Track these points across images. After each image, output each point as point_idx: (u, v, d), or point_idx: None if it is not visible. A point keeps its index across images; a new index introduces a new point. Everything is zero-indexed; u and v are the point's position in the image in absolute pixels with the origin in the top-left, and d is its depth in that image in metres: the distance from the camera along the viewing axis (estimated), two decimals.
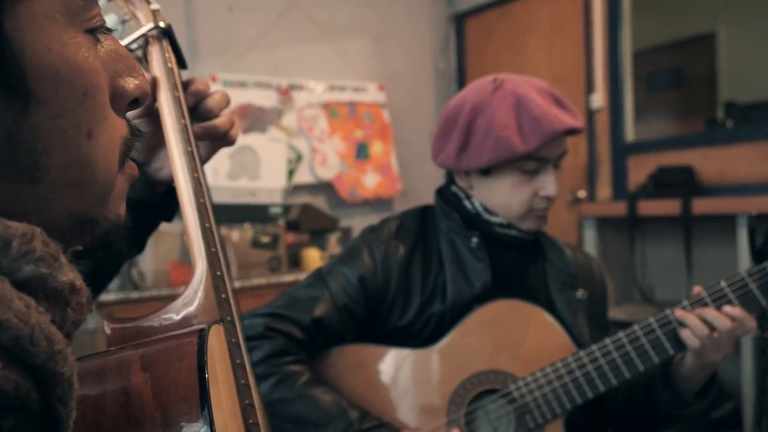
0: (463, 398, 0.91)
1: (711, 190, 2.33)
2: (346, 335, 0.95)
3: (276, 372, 0.86)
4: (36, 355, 0.29)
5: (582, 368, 0.91)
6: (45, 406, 0.31)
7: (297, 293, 0.97)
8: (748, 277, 0.91)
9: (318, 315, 0.93)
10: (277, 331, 0.90)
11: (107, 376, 0.41)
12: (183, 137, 0.55)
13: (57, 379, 0.30)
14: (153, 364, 0.42)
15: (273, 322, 0.91)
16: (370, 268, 0.98)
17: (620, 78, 2.70)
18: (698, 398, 0.92)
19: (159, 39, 0.59)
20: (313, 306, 0.94)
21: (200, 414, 0.39)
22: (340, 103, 2.95)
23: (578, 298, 1.03)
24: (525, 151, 0.93)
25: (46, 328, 0.30)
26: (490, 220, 1.02)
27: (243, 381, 0.50)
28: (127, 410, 0.39)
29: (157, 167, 0.63)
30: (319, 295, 0.95)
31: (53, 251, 0.31)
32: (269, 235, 2.15)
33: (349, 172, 2.95)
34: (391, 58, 3.15)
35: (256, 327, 0.90)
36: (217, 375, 0.44)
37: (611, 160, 2.70)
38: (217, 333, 0.47)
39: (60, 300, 0.32)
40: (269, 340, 0.89)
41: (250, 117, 2.59)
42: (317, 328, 0.93)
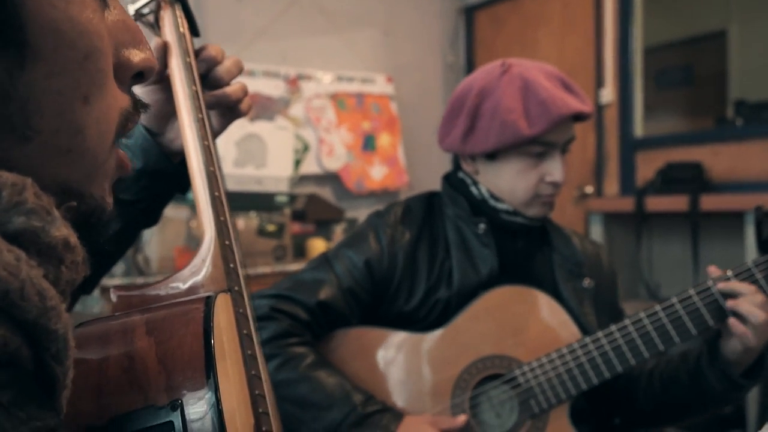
0: (467, 382, 0.91)
1: (720, 187, 2.31)
2: (351, 318, 0.95)
3: (281, 353, 0.86)
4: (27, 311, 0.28)
5: (588, 354, 0.90)
6: (39, 364, 0.31)
7: (303, 276, 0.97)
8: (755, 267, 0.90)
9: (323, 298, 0.92)
10: (283, 312, 0.90)
11: (111, 340, 0.41)
12: (194, 104, 0.55)
13: (50, 337, 0.30)
14: (158, 328, 0.41)
15: (278, 304, 0.91)
16: (377, 252, 0.98)
17: (630, 73, 2.67)
18: (748, 378, 0.89)
19: (171, 4, 0.59)
20: (319, 288, 0.93)
21: (205, 380, 0.39)
22: (348, 94, 2.94)
23: (585, 287, 1.03)
24: (531, 135, 0.92)
25: (37, 283, 0.29)
26: (496, 207, 1.01)
27: (250, 352, 0.50)
28: (131, 374, 0.39)
29: (171, 137, 0.63)
30: (324, 278, 0.95)
31: (46, 204, 0.30)
32: (275, 223, 2.15)
33: (356, 164, 2.94)
34: (400, 50, 3.14)
35: (262, 308, 0.90)
36: (223, 343, 0.44)
37: (619, 156, 2.68)
38: (225, 302, 0.47)
39: (53, 256, 0.31)
40: (274, 321, 0.89)
41: (257, 106, 2.59)
42: (322, 311, 0.93)
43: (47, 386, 0.31)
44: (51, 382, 0.31)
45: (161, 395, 0.38)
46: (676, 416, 1.00)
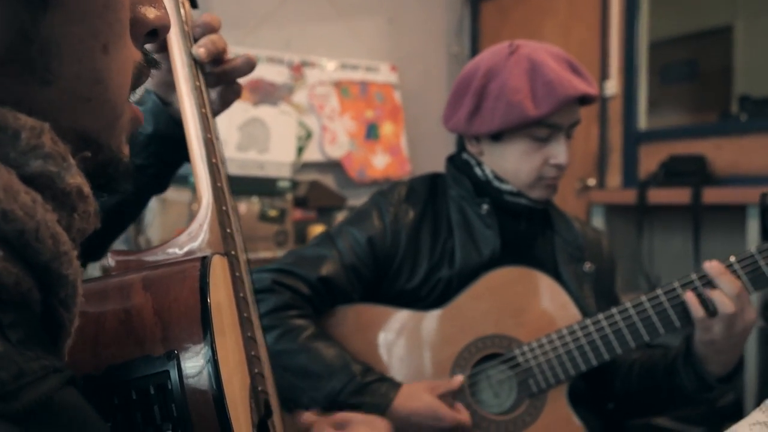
0: (467, 361, 0.91)
1: (722, 180, 2.31)
2: (353, 294, 0.96)
3: (281, 324, 0.86)
4: (40, 252, 0.28)
5: (588, 336, 0.90)
6: (47, 308, 0.31)
7: (305, 251, 0.97)
8: (758, 254, 0.90)
9: (325, 273, 0.93)
10: (284, 285, 0.91)
11: (108, 295, 0.41)
12: (191, 72, 0.55)
13: (61, 282, 0.30)
14: (155, 284, 0.41)
15: (280, 277, 0.91)
16: (379, 230, 0.98)
17: (635, 66, 2.67)
18: (722, 383, 0.89)
19: None
20: (321, 264, 0.94)
21: (202, 333, 0.39)
22: (352, 82, 2.93)
23: (585, 270, 1.03)
24: (537, 116, 0.92)
25: (52, 227, 0.29)
26: (500, 188, 1.01)
27: (246, 314, 0.50)
28: (127, 326, 0.39)
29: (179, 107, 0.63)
30: (327, 254, 0.95)
31: (62, 151, 0.31)
32: (277, 209, 2.16)
33: (359, 152, 2.94)
34: (405, 39, 3.13)
35: (263, 281, 0.90)
36: (220, 302, 0.44)
37: (623, 148, 2.67)
38: (221, 264, 0.47)
39: (67, 203, 0.31)
40: (276, 293, 0.89)
41: (261, 92, 2.59)
42: (324, 286, 0.93)
43: (53, 331, 0.32)
44: (57, 327, 0.32)
45: (157, 346, 0.38)
46: (649, 409, 1.00)
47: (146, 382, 0.37)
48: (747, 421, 0.63)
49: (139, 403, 0.37)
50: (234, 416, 0.39)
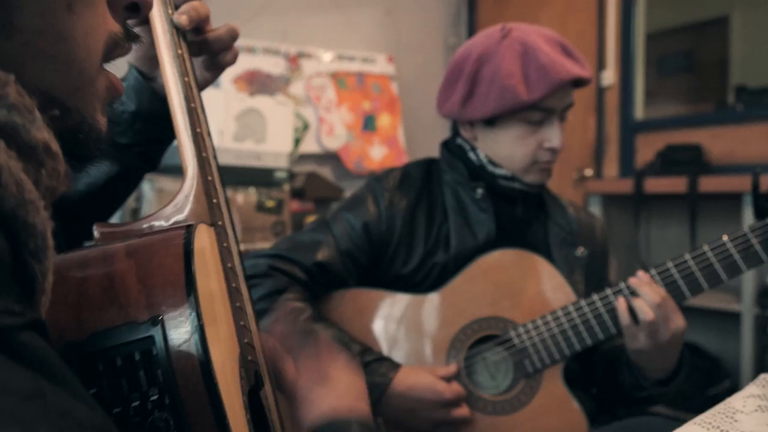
0: (463, 343, 0.91)
1: (719, 169, 2.31)
2: (349, 279, 0.95)
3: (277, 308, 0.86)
4: (4, 198, 0.28)
5: (582, 316, 0.90)
6: (18, 261, 0.30)
7: (301, 237, 0.97)
8: (751, 233, 0.90)
9: (321, 258, 0.93)
10: (280, 270, 0.90)
11: (91, 263, 0.41)
12: (173, 40, 0.54)
13: (29, 231, 0.30)
14: (138, 251, 0.41)
15: (276, 262, 0.91)
16: (374, 216, 0.98)
17: (632, 55, 2.66)
18: (659, 384, 0.89)
19: None
20: (317, 249, 0.94)
21: (186, 298, 0.39)
22: (349, 74, 2.92)
23: (578, 255, 1.03)
24: (530, 101, 0.92)
25: (16, 173, 0.29)
26: (494, 172, 1.01)
27: (234, 285, 0.50)
28: (111, 293, 0.39)
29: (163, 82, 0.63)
30: (323, 239, 0.95)
31: (28, 104, 0.30)
32: (274, 199, 2.15)
33: (356, 144, 2.93)
34: (402, 30, 3.12)
35: (260, 266, 0.90)
36: (207, 271, 0.43)
37: (619, 138, 2.67)
38: (208, 233, 0.46)
39: (33, 157, 0.31)
40: (272, 278, 0.89)
41: (257, 83, 2.58)
42: (320, 271, 0.93)
43: (26, 285, 0.31)
44: (30, 280, 0.31)
45: (142, 312, 0.38)
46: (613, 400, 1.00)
47: (131, 348, 0.37)
48: (741, 394, 0.63)
49: (124, 369, 0.37)
50: (222, 383, 0.39)
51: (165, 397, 0.36)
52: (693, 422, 0.56)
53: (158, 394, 0.36)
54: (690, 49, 3.28)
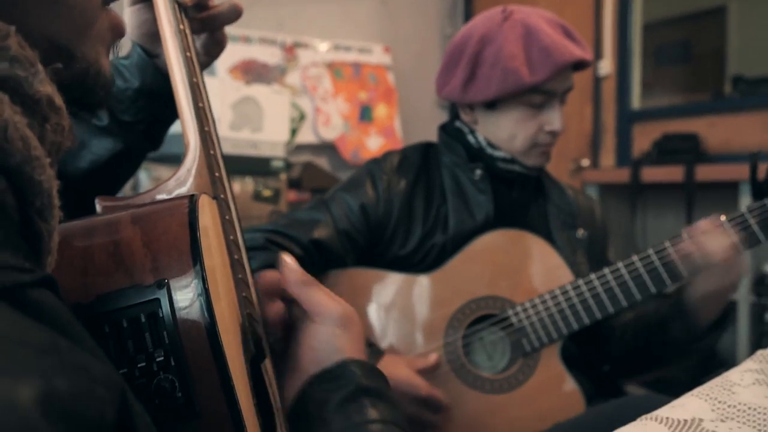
0: (461, 322, 0.92)
1: (715, 158, 2.31)
2: (346, 259, 0.96)
3: None
4: (10, 154, 0.28)
5: (580, 296, 0.91)
6: (24, 219, 0.30)
7: (299, 215, 0.97)
8: (748, 213, 0.91)
9: (317, 236, 0.93)
10: (277, 244, 0.91)
11: (96, 230, 0.41)
12: (174, 15, 0.54)
13: (35, 189, 0.30)
14: (143, 219, 0.41)
15: (273, 237, 0.91)
16: (372, 198, 0.98)
17: (629, 45, 2.66)
18: (712, 330, 0.91)
19: None
20: (314, 227, 0.94)
21: (192, 264, 0.39)
22: (345, 64, 2.92)
23: (578, 237, 1.03)
24: (533, 82, 0.92)
25: (21, 129, 0.29)
26: (493, 155, 1.01)
27: (236, 257, 0.50)
28: (116, 257, 0.39)
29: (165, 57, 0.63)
30: (320, 218, 0.95)
31: (30, 56, 0.30)
32: (271, 188, 2.15)
33: (353, 134, 2.93)
34: (398, 20, 3.11)
35: (256, 240, 0.90)
36: (209, 241, 0.43)
37: (616, 128, 2.68)
38: (210, 205, 0.47)
39: (37, 111, 0.31)
40: (268, 251, 0.89)
41: (253, 73, 2.57)
42: (316, 249, 0.93)
43: (32, 244, 0.31)
44: (36, 240, 0.31)
45: (147, 276, 0.38)
46: (645, 365, 1.01)
47: (137, 311, 0.37)
48: (739, 368, 0.63)
49: (130, 331, 0.37)
50: (227, 348, 0.39)
51: (170, 359, 0.36)
52: (690, 394, 0.57)
53: (164, 356, 0.36)
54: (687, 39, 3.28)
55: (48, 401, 0.22)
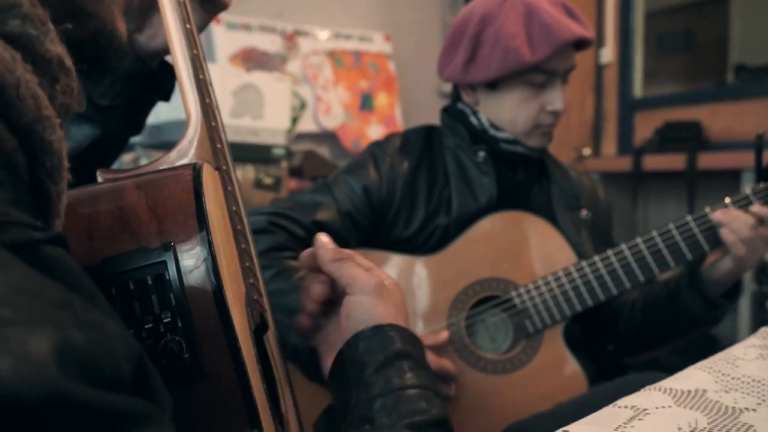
0: (464, 303, 0.92)
1: (718, 145, 2.31)
2: (349, 241, 0.95)
3: (275, 264, 0.86)
4: (23, 113, 0.28)
5: (583, 277, 0.91)
6: (34, 180, 0.30)
7: (302, 197, 0.97)
8: (753, 195, 0.91)
9: (320, 218, 0.93)
10: (280, 226, 0.91)
11: (101, 197, 0.41)
12: None
13: (45, 149, 0.30)
14: (147, 185, 0.41)
15: (276, 219, 0.91)
16: (375, 180, 0.98)
17: (631, 33, 2.65)
18: (726, 298, 0.91)
19: None
20: (317, 209, 0.94)
21: (198, 228, 0.39)
22: (346, 52, 2.91)
23: (582, 218, 1.03)
24: (534, 61, 0.92)
25: (32, 87, 0.28)
26: (496, 136, 1.01)
27: (239, 227, 0.50)
28: (122, 221, 0.39)
29: (151, 33, 0.62)
30: (323, 200, 0.95)
31: (41, 15, 0.30)
32: (272, 176, 2.15)
33: (353, 123, 2.92)
34: (399, 8, 3.10)
35: (259, 222, 0.90)
36: (212, 210, 0.43)
37: (618, 116, 2.67)
38: (213, 176, 0.46)
39: (48, 71, 0.31)
40: (271, 234, 0.89)
41: (254, 61, 2.56)
42: (319, 230, 0.93)
43: (41, 206, 0.31)
44: (45, 201, 0.31)
45: (153, 239, 0.38)
46: (655, 340, 1.01)
47: (143, 273, 0.37)
48: (742, 344, 0.63)
49: (136, 293, 0.37)
50: (232, 312, 0.39)
51: (177, 321, 0.36)
52: (693, 367, 0.57)
53: (171, 318, 0.36)
54: (689, 28, 3.27)
55: (64, 352, 0.22)
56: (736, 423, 0.44)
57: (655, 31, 2.94)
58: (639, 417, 0.45)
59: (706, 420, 0.45)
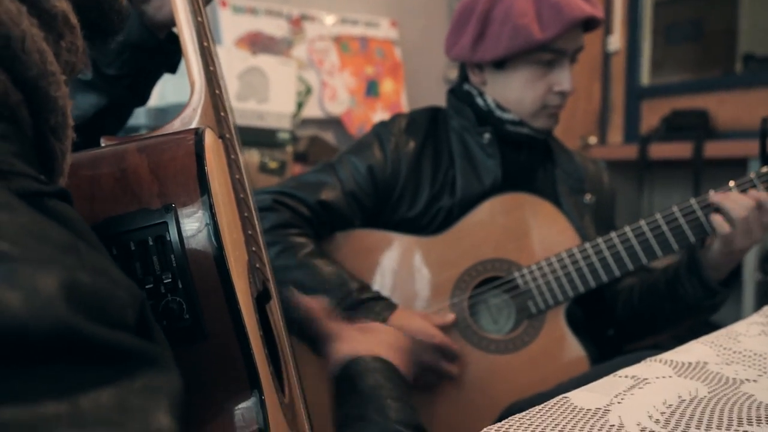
0: (467, 284, 0.92)
1: (725, 134, 2.29)
2: (354, 221, 0.96)
3: (281, 241, 0.86)
4: (28, 66, 0.28)
5: (586, 259, 0.91)
6: (39, 137, 0.30)
7: (306, 177, 0.97)
8: (757, 179, 0.90)
9: (324, 198, 0.93)
10: (285, 205, 0.91)
11: (102, 160, 0.41)
12: None
13: (50, 105, 0.29)
14: (149, 148, 0.41)
15: (281, 198, 0.92)
16: (380, 159, 0.98)
17: (639, 20, 2.63)
18: (724, 286, 0.91)
19: None
20: (321, 189, 0.94)
21: (199, 190, 0.39)
22: (352, 38, 2.89)
23: (586, 202, 1.03)
24: (543, 39, 0.91)
25: (38, 41, 0.28)
26: (502, 117, 1.00)
27: (242, 195, 0.50)
28: (123, 183, 0.39)
29: (158, 4, 0.62)
30: (327, 180, 0.95)
31: None
32: (277, 160, 2.15)
33: (359, 109, 2.91)
34: None
35: (264, 200, 0.90)
36: (215, 177, 0.43)
37: (625, 104, 2.65)
38: (214, 140, 0.46)
39: (53, 27, 0.30)
40: (276, 212, 0.89)
41: (260, 45, 2.55)
42: (323, 209, 0.93)
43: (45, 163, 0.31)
44: (50, 158, 0.31)
45: (154, 200, 0.38)
46: (652, 326, 1.01)
47: (144, 234, 0.37)
48: (744, 321, 0.63)
49: (137, 253, 0.37)
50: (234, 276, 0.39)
51: (178, 282, 0.37)
52: (694, 341, 0.57)
53: (171, 279, 0.37)
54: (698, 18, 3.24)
55: (72, 290, 0.22)
56: (737, 392, 0.44)
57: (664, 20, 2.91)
58: (639, 386, 0.45)
59: (706, 389, 0.44)
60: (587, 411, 0.42)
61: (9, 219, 0.22)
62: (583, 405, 0.43)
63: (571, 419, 0.40)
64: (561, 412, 0.42)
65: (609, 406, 0.42)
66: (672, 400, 0.43)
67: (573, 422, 0.40)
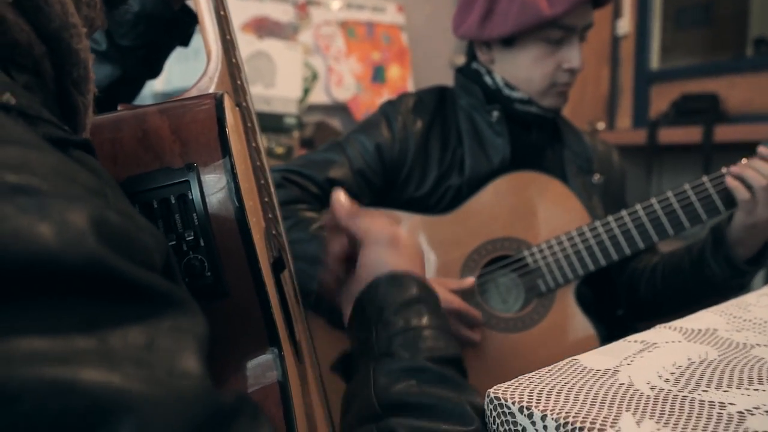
0: (477, 263, 0.92)
1: (735, 118, 2.28)
2: (361, 199, 0.96)
3: (292, 216, 0.87)
4: (51, 18, 0.28)
5: (597, 237, 0.91)
6: (61, 90, 0.31)
7: (314, 156, 0.98)
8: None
9: (333, 176, 0.93)
10: (293, 182, 0.91)
11: (123, 123, 0.41)
12: None
13: (72, 58, 0.30)
14: (170, 110, 0.42)
15: (289, 175, 0.92)
16: (388, 138, 0.98)
17: (649, 4, 2.60)
18: (752, 264, 0.89)
19: None
20: (330, 167, 0.94)
21: (221, 151, 0.39)
22: (358, 23, 2.88)
23: (594, 182, 1.03)
24: (552, 15, 0.91)
25: None
26: (510, 96, 1.00)
27: (258, 163, 0.50)
28: (145, 143, 0.39)
29: None
30: (336, 158, 0.96)
31: None
32: (283, 146, 2.15)
33: (365, 95, 2.91)
34: None
35: (273, 178, 0.91)
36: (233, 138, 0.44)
37: (634, 89, 2.64)
38: (232, 107, 0.47)
39: None
40: (285, 188, 0.90)
41: (265, 30, 2.54)
42: (332, 187, 0.94)
43: (68, 117, 0.32)
44: (72, 111, 0.32)
45: (176, 160, 0.39)
46: (676, 305, 1.00)
47: (167, 192, 0.38)
48: (756, 293, 0.63)
49: (160, 211, 0.38)
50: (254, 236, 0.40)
51: (200, 240, 0.37)
52: (705, 311, 0.57)
53: (193, 237, 0.37)
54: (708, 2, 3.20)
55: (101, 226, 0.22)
56: (747, 356, 0.44)
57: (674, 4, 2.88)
58: (648, 350, 0.46)
59: (716, 353, 0.45)
60: (597, 371, 0.42)
61: (38, 157, 0.22)
62: (593, 366, 0.43)
63: (581, 378, 0.41)
64: (571, 372, 0.42)
65: (619, 367, 0.43)
66: (682, 362, 0.43)
67: (582, 381, 0.41)
